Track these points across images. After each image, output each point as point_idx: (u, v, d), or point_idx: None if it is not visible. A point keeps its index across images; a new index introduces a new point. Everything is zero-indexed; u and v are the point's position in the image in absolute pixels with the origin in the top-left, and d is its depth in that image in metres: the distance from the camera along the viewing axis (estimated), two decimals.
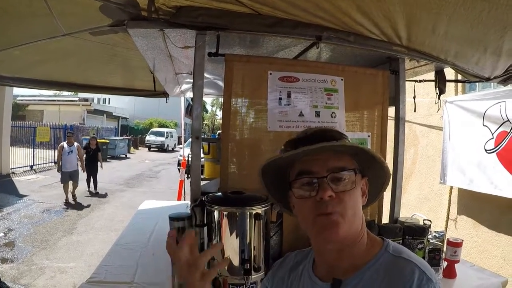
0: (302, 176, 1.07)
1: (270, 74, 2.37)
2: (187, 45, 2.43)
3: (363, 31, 2.15)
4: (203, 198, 2.01)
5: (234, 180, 2.35)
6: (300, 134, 1.15)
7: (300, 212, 1.10)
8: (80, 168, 11.80)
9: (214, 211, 1.91)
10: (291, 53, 2.78)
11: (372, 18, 1.99)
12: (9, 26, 2.48)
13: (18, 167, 16.05)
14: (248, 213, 1.87)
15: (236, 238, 1.88)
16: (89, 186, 12.99)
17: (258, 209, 1.89)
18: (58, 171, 11.41)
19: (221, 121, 2.69)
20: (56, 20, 2.27)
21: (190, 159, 2.29)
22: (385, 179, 1.17)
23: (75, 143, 11.75)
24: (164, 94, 5.09)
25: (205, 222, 2.00)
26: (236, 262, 1.89)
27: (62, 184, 11.17)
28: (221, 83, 3.60)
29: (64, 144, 11.48)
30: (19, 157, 16.58)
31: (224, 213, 1.89)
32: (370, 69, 2.69)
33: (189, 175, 2.41)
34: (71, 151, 11.32)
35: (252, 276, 1.87)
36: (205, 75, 3.54)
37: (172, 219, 2.04)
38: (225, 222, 1.89)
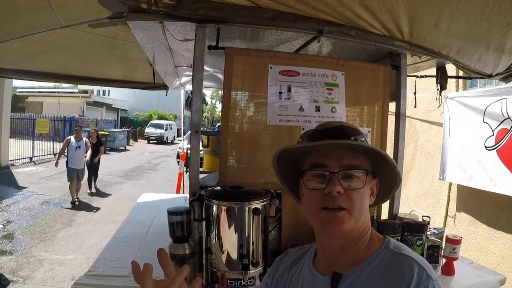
0: (315, 168, 1.08)
1: (271, 67, 2.36)
2: (187, 37, 2.41)
3: (365, 26, 2.13)
4: (201, 193, 2.01)
5: (233, 173, 2.34)
6: (320, 126, 1.17)
7: (307, 201, 1.12)
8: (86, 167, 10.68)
9: (212, 205, 1.91)
10: (292, 46, 2.76)
11: (374, 12, 1.97)
12: (8, 18, 2.46)
13: (17, 159, 16.02)
14: (246, 208, 1.87)
15: (235, 233, 1.88)
16: (90, 187, 11.68)
17: (257, 204, 1.89)
18: (56, 166, 10.37)
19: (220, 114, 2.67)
20: (55, 12, 2.25)
21: (189, 152, 2.27)
22: (395, 184, 1.18)
23: (84, 138, 10.52)
24: (164, 87, 5.09)
25: (203, 216, 1.99)
26: (234, 256, 1.89)
27: (69, 183, 9.92)
28: (221, 76, 3.59)
29: (72, 138, 10.24)
30: (18, 149, 16.55)
31: (223, 207, 1.89)
32: (371, 64, 2.67)
33: (187, 169, 2.40)
34: (79, 147, 10.13)
35: (250, 271, 1.87)
36: (205, 68, 3.52)
37: (171, 213, 2.04)
38: (223, 216, 1.89)
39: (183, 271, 0.94)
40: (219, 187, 2.16)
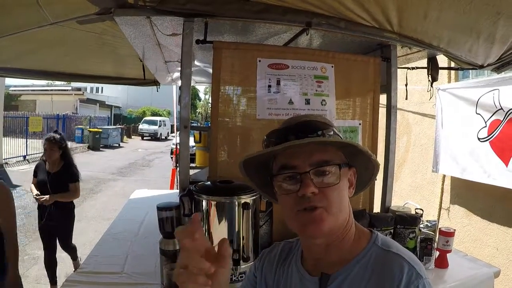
0: (284, 171, 1.02)
1: (259, 61, 2.34)
2: (175, 32, 2.39)
3: (354, 17, 2.12)
4: (191, 187, 1.99)
5: (223, 168, 2.33)
6: (283, 124, 1.11)
7: (282, 206, 1.06)
8: None
9: (202, 200, 1.89)
10: (281, 40, 2.74)
11: (362, 3, 1.97)
12: None
13: (11, 158, 15.91)
14: (236, 202, 1.86)
15: (225, 227, 1.87)
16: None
17: (247, 199, 1.87)
18: None
19: None
20: (43, 9, 2.24)
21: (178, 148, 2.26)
22: (373, 171, 1.13)
23: None
24: (155, 83, 5.08)
25: (193, 211, 1.98)
26: None
27: None
28: (211, 71, 3.58)
29: None
30: (12, 147, 16.40)
31: (212, 202, 1.87)
32: (361, 56, 2.66)
33: (177, 164, 2.39)
34: None
35: (241, 266, 1.86)
36: (196, 63, 3.51)
37: (160, 209, 2.03)
38: (213, 211, 1.87)
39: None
40: (209, 182, 2.14)
